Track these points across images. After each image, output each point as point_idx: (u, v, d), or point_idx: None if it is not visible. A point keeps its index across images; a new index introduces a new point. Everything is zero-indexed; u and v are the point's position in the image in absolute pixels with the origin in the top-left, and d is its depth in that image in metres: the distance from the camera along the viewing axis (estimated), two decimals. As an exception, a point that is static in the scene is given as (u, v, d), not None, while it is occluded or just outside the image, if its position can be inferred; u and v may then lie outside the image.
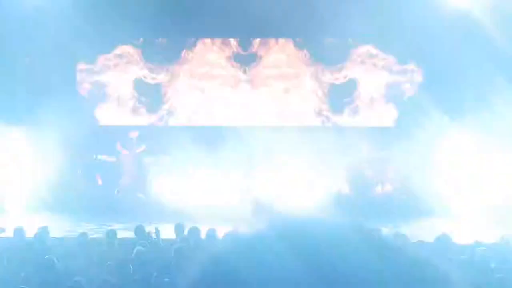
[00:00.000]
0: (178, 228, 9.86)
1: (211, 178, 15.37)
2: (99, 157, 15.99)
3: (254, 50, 16.09)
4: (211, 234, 8.89)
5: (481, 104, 14.13)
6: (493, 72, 14.09)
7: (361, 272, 0.83)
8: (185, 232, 9.51)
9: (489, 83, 14.17)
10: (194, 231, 9.24)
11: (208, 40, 16.14)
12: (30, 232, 9.85)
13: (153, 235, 9.50)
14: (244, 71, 15.98)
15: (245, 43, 16.06)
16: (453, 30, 14.62)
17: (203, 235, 9.13)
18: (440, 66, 14.83)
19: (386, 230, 10.83)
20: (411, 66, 15.77)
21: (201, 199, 15.14)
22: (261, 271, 0.84)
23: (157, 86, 16.21)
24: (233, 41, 16.08)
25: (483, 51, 14.17)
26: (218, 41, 16.12)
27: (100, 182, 16.10)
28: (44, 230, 9.71)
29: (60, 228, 12.17)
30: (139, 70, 16.17)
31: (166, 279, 6.39)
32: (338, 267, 0.82)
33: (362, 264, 0.84)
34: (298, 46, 15.94)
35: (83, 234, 9.38)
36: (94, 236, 10.89)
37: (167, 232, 11.47)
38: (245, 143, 14.77)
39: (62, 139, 15.03)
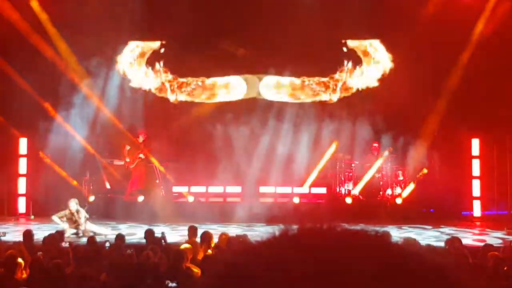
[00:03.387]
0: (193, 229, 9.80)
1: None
2: (112, 161, 16.05)
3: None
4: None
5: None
6: None
7: (372, 278, 0.82)
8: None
9: None
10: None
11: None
12: (39, 236, 9.86)
13: (162, 240, 9.47)
14: None
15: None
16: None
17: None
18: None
19: (396, 235, 10.78)
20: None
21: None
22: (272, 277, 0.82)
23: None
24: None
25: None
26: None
27: (108, 185, 16.15)
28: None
29: (68, 231, 12.15)
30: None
31: (173, 284, 6.35)
32: (347, 273, 0.82)
33: (372, 270, 0.83)
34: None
35: (91, 238, 9.37)
36: (103, 240, 10.87)
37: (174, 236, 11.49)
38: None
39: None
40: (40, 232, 10.99)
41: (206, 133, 15.78)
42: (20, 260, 7.00)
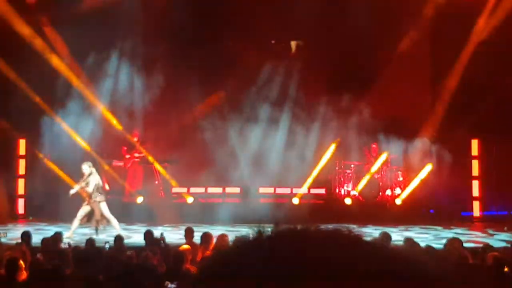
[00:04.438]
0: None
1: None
2: (111, 162, 16.04)
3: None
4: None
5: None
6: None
7: (368, 276, 0.83)
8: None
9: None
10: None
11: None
12: (38, 237, 9.84)
13: (161, 241, 9.44)
14: None
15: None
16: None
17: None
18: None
19: (395, 235, 10.75)
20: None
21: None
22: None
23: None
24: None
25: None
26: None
27: (107, 187, 16.12)
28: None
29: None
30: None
31: (172, 286, 6.34)
32: (319, 273, 0.83)
33: (344, 268, 0.84)
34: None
35: (90, 240, 9.35)
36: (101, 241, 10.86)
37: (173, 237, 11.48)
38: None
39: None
40: (39, 233, 10.98)
41: (205, 133, 15.77)
42: (20, 261, 6.98)
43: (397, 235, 11.41)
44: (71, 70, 15.87)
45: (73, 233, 12.13)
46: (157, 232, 9.95)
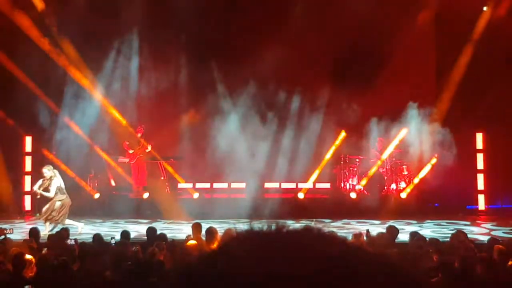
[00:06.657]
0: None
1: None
2: (117, 158, 16.07)
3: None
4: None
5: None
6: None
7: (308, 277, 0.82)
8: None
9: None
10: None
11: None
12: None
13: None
14: None
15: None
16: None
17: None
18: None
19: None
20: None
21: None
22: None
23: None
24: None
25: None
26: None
27: (113, 183, 16.18)
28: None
29: (74, 229, 12.20)
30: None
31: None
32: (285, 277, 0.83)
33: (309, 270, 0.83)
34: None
35: (97, 235, 9.38)
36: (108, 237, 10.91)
37: (179, 232, 11.51)
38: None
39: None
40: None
41: (210, 129, 15.78)
42: (29, 257, 7.01)
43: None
44: (76, 67, 15.90)
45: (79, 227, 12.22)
46: (162, 227, 9.97)
